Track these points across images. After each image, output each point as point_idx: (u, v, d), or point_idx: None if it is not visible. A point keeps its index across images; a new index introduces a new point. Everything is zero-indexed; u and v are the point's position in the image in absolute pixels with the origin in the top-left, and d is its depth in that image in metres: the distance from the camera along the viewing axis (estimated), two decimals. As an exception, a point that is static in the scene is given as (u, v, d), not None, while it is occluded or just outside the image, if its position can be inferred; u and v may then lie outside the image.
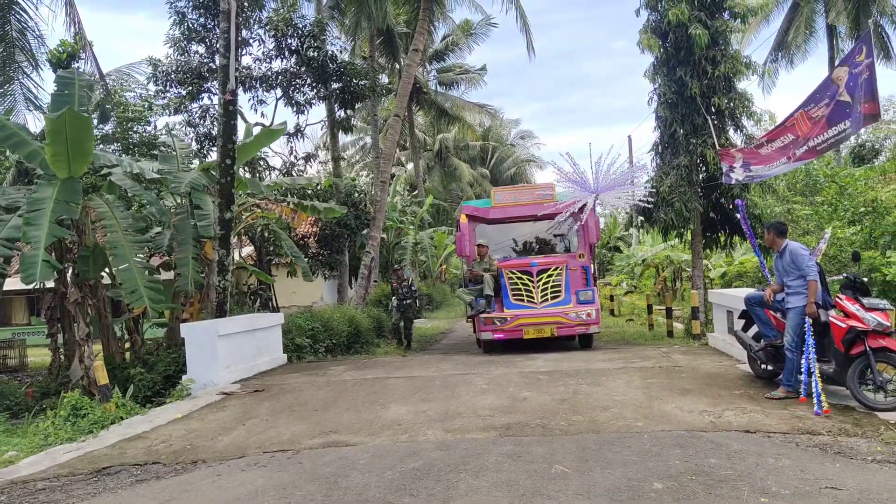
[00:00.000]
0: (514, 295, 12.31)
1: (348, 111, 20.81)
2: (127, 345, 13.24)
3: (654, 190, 13.52)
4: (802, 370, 7.29)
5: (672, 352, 11.46)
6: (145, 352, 12.38)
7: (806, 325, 7.39)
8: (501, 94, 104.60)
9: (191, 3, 17.66)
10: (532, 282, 12.21)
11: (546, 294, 12.19)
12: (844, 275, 7.71)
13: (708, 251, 15.68)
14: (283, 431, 7.38)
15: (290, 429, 7.49)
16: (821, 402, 6.91)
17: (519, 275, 12.31)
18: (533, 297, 12.21)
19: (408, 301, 15.18)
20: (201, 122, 18.37)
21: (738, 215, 9.69)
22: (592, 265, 13.78)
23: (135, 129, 15.94)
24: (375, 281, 19.53)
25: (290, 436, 7.18)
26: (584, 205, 12.99)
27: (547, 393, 8.42)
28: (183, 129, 18.40)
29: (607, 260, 36.65)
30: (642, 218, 14.40)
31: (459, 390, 8.93)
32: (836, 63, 10.78)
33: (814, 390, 7.06)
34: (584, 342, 12.71)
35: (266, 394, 9.54)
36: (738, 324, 8.87)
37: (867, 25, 10.56)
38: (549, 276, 12.23)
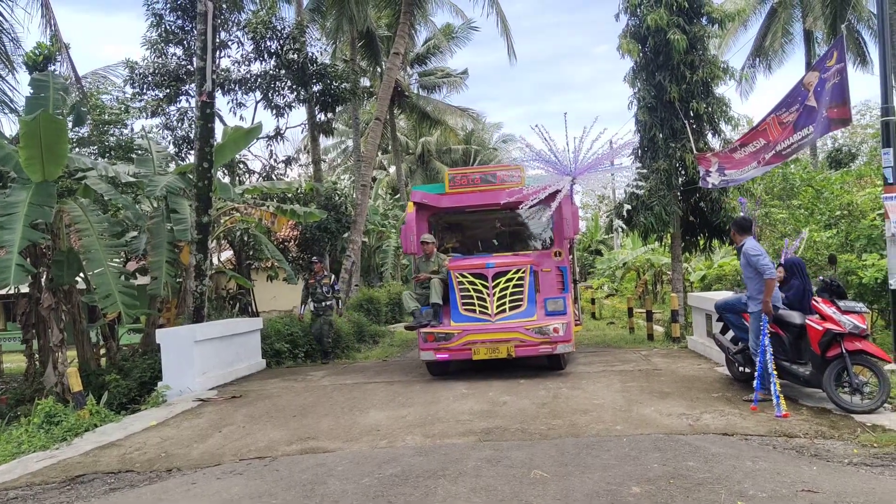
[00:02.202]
0: (464, 304, 9.75)
1: (329, 114, 20.71)
2: (102, 351, 13.06)
3: (640, 181, 13.34)
4: (768, 372, 7.33)
5: (652, 355, 11.49)
6: (121, 358, 12.21)
7: (762, 326, 7.45)
8: (484, 97, 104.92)
9: (168, 5, 17.50)
10: (487, 288, 9.66)
11: (503, 303, 9.64)
12: (821, 278, 7.78)
13: (687, 254, 15.76)
14: (260, 438, 7.30)
15: (267, 435, 7.40)
16: (780, 405, 6.99)
17: (471, 279, 9.73)
18: (487, 308, 9.65)
19: (327, 302, 13.42)
20: (179, 124, 18.20)
21: (740, 213, 9.60)
22: (571, 265, 11.47)
23: (111, 132, 15.75)
24: (356, 285, 19.43)
25: (268, 442, 7.10)
26: (559, 190, 10.58)
27: (527, 397, 8.39)
28: (160, 131, 18.23)
29: (588, 263, 36.81)
30: (621, 222, 14.36)
31: (439, 395, 8.88)
32: (809, 68, 10.88)
33: (772, 392, 7.16)
34: (554, 363, 10.05)
35: (243, 400, 9.43)
36: (717, 327, 8.91)
37: (841, 31, 10.67)
38: (509, 280, 9.66)
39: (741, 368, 8.42)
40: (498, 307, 9.63)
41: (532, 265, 9.89)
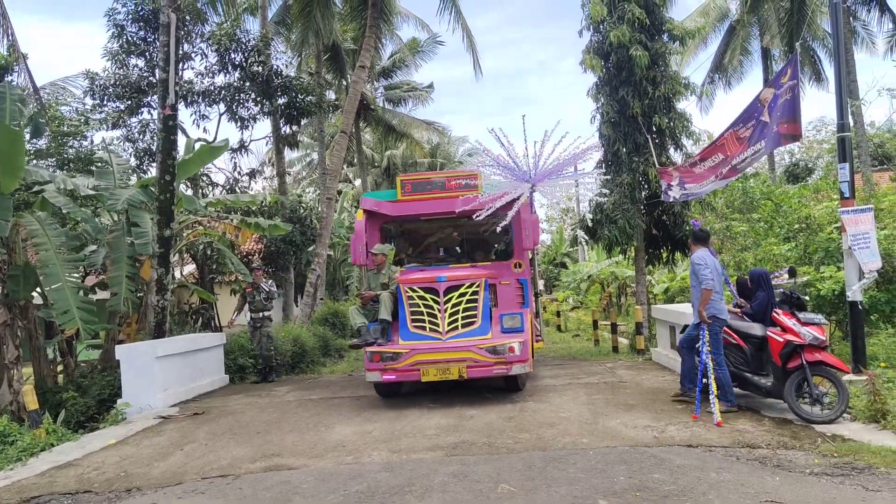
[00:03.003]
0: (414, 321, 9.04)
1: (294, 127, 20.56)
2: (59, 367, 12.72)
3: (604, 189, 13.49)
4: (708, 380, 7.61)
5: (617, 367, 11.58)
6: (79, 375, 11.89)
7: (701, 336, 7.70)
8: (450, 111, 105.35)
9: (130, 16, 17.25)
10: (438, 303, 8.97)
11: (456, 320, 8.94)
12: (781, 290, 7.92)
13: (651, 267, 15.96)
14: (223, 456, 7.16)
15: (230, 453, 7.27)
16: (704, 410, 7.43)
17: (421, 293, 9.05)
18: (438, 325, 8.94)
19: (265, 313, 12.46)
20: (140, 137, 17.89)
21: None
22: (533, 277, 10.85)
23: (70, 144, 15.44)
24: (322, 298, 19.25)
25: (231, 460, 6.97)
26: (517, 198, 10.06)
27: (493, 411, 8.39)
28: (121, 144, 17.90)
29: (554, 275, 37.05)
30: (583, 233, 14.46)
31: (406, 410, 8.82)
32: (766, 84, 11.17)
33: (710, 397, 7.41)
34: (511, 384, 9.33)
35: (206, 417, 9.26)
36: (680, 339, 9.00)
37: (796, 48, 10.96)
38: (462, 295, 8.97)
39: (705, 380, 8.51)
40: (450, 324, 8.92)
41: (487, 279, 9.27)
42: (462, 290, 9.01)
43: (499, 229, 9.94)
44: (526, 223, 10.04)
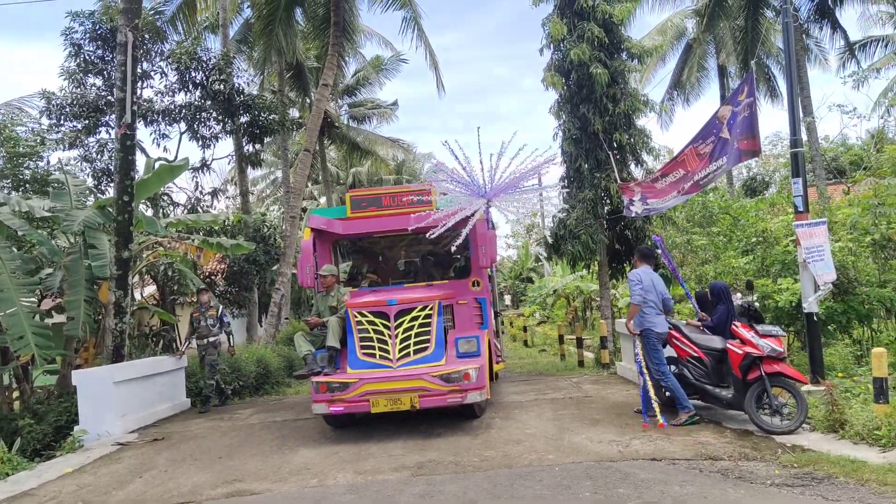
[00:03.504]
0: (363, 347, 8.43)
1: (257, 145, 20.40)
2: (15, 394, 12.34)
3: (565, 206, 13.61)
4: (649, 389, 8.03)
5: (583, 381, 11.64)
6: (35, 401, 11.53)
7: (636, 347, 8.25)
8: (415, 128, 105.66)
9: (88, 35, 17.00)
10: (388, 328, 8.39)
11: (407, 346, 8.36)
12: (739, 303, 8.06)
13: (615, 281, 16.10)
14: (184, 482, 7.01)
15: (191, 479, 7.11)
16: (654, 417, 7.84)
17: (371, 318, 8.45)
18: (388, 351, 8.35)
19: (211, 339, 11.69)
20: (98, 156, 17.57)
21: (659, 251, 9.99)
22: (492, 295, 10.39)
23: (26, 164, 15.08)
24: (286, 318, 19.04)
25: (191, 487, 6.83)
26: (472, 214, 9.48)
27: (460, 428, 8.36)
28: (79, 164, 17.55)
29: (520, 290, 37.19)
30: (541, 250, 14.57)
31: (371, 429, 8.75)
32: (723, 101, 11.44)
33: (652, 405, 7.87)
34: (467, 411, 8.67)
35: (166, 442, 9.06)
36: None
37: (751, 66, 11.22)
38: (414, 319, 8.41)
39: (668, 393, 8.59)
40: (401, 351, 8.33)
41: (442, 300, 8.75)
42: (414, 313, 8.45)
43: (453, 248, 9.34)
44: (482, 240, 9.63)
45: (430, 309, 8.53)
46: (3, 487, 7.42)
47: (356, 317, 8.57)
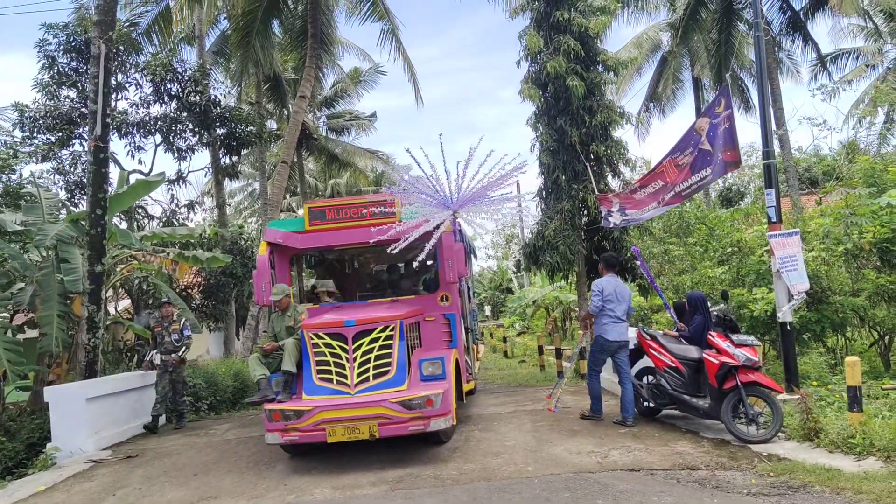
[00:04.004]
0: (319, 371, 7.78)
1: (234, 157, 20.28)
2: (-14, 411, 12.08)
3: (543, 223, 13.66)
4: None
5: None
6: (7, 418, 11.29)
7: (590, 354, 8.95)
8: (394, 139, 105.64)
9: (62, 47, 16.83)
10: (346, 351, 7.73)
11: (366, 370, 7.69)
12: (714, 313, 8.12)
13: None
14: (158, 500, 6.90)
15: (165, 497, 7.00)
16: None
17: (328, 340, 7.80)
18: (346, 376, 7.68)
19: (177, 354, 11.10)
20: (72, 169, 17.35)
21: (637, 262, 10.14)
22: (462, 310, 9.75)
23: (-2, 178, 14.87)
24: (265, 331, 18.87)
25: (165, 504, 6.71)
26: (438, 226, 8.85)
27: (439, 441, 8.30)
28: (52, 176, 17.34)
29: (500, 301, 37.27)
30: (511, 265, 14.56)
31: (351, 442, 8.64)
32: (700, 114, 11.58)
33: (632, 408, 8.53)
34: (432, 437, 7.99)
35: (140, 459, 8.90)
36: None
37: (726, 79, 11.36)
38: (374, 341, 7.75)
39: (646, 403, 8.64)
40: (359, 375, 7.65)
41: (402, 319, 8.03)
42: (374, 335, 7.76)
43: (415, 264, 8.78)
44: (449, 254, 8.91)
45: (391, 330, 7.83)
46: (-28, 508, 7.26)
47: (312, 339, 7.88)
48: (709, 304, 8.42)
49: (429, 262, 9.65)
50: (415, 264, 8.66)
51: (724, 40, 22.02)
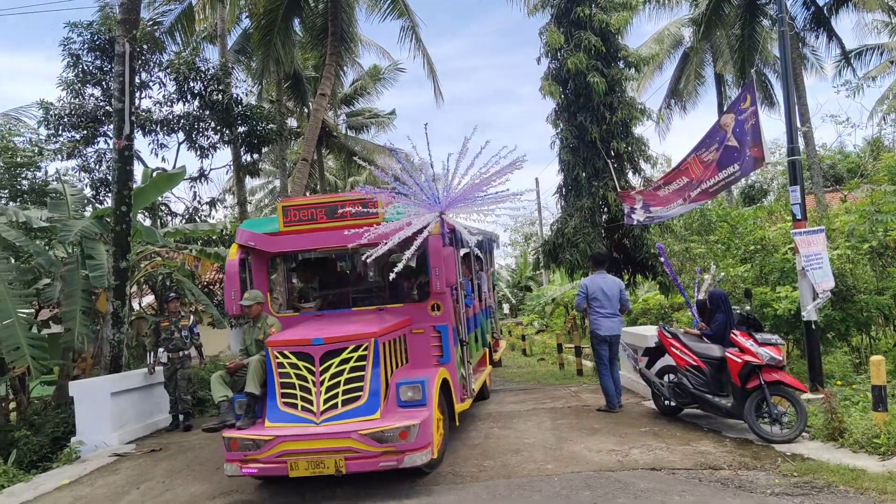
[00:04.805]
0: (284, 396, 6.82)
1: (255, 155, 20.44)
2: (12, 405, 12.29)
3: (563, 220, 13.64)
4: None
5: (581, 391, 11.60)
6: (32, 412, 11.50)
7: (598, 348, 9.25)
8: (413, 137, 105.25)
9: (86, 46, 17.05)
10: (313, 373, 6.75)
11: (335, 395, 6.70)
12: (738, 311, 8.04)
13: (613, 290, 16.11)
14: (181, 494, 6.98)
15: (188, 490, 7.08)
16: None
17: (293, 360, 6.84)
18: (311, 403, 6.69)
19: (185, 351, 10.67)
20: (97, 167, 17.59)
21: (661, 259, 10.24)
22: (457, 320, 8.40)
23: (24, 175, 15.10)
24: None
25: (189, 498, 6.80)
26: (423, 229, 7.56)
27: (458, 438, 8.30)
28: (77, 174, 17.59)
29: (519, 299, 37.21)
30: (538, 262, 14.49)
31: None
32: (724, 110, 11.46)
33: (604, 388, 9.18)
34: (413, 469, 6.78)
35: (164, 453, 9.01)
36: (643, 361, 9.08)
37: (751, 75, 11.25)
38: (344, 362, 6.77)
39: (667, 402, 8.58)
40: (326, 402, 6.65)
41: (378, 337, 6.96)
42: (344, 355, 6.77)
43: (392, 275, 7.44)
44: (436, 260, 7.70)
45: (364, 349, 6.81)
46: (0, 500, 7.39)
47: (277, 357, 6.90)
48: (731, 303, 8.35)
49: (418, 268, 8.72)
50: (391, 276, 7.39)
51: (747, 36, 21.77)
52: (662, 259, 10.01)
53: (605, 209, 13.83)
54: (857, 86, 23.61)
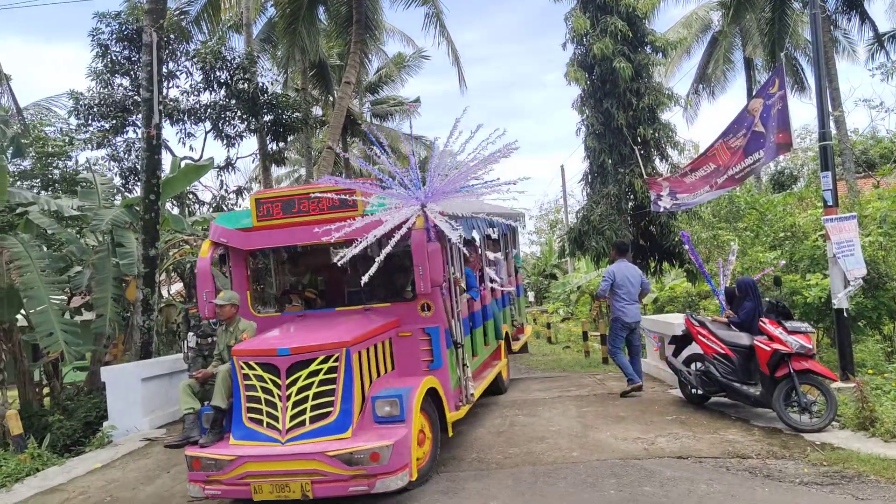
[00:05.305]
0: (250, 411, 6.15)
1: (280, 143, 20.59)
2: (45, 390, 12.58)
3: (589, 207, 13.60)
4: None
5: (607, 378, 11.55)
6: (65, 397, 11.77)
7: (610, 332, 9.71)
8: (437, 125, 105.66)
9: (114, 36, 17.26)
10: (279, 387, 6.06)
11: (302, 412, 6.00)
12: (767, 299, 7.95)
13: (639, 277, 16.00)
14: (210, 478, 7.06)
15: (217, 474, 7.16)
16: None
17: (259, 371, 6.15)
18: (277, 419, 6.02)
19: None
20: (126, 156, 17.89)
21: (686, 247, 10.22)
22: (450, 318, 7.36)
23: (55, 164, 15.37)
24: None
25: (217, 482, 6.87)
26: (402, 223, 6.74)
27: (482, 425, 8.32)
28: (106, 163, 17.88)
29: (544, 287, 37.09)
30: (563, 250, 14.43)
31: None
32: (753, 94, 11.29)
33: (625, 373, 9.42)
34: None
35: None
36: (669, 350, 9.02)
37: (781, 59, 11.05)
38: (313, 374, 6.05)
39: (694, 390, 8.51)
40: (293, 418, 5.97)
41: (350, 347, 6.18)
42: (313, 366, 6.05)
43: (365, 279, 6.48)
44: (420, 257, 6.76)
45: (335, 360, 6.10)
46: (32, 483, 7.55)
47: (243, 368, 6.22)
48: (759, 290, 8.25)
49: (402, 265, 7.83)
50: (364, 279, 6.49)
51: (777, 19, 21.36)
52: (687, 247, 9.92)
53: (632, 196, 13.74)
54: (891, 69, 23.08)
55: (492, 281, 9.35)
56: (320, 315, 7.47)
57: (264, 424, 6.02)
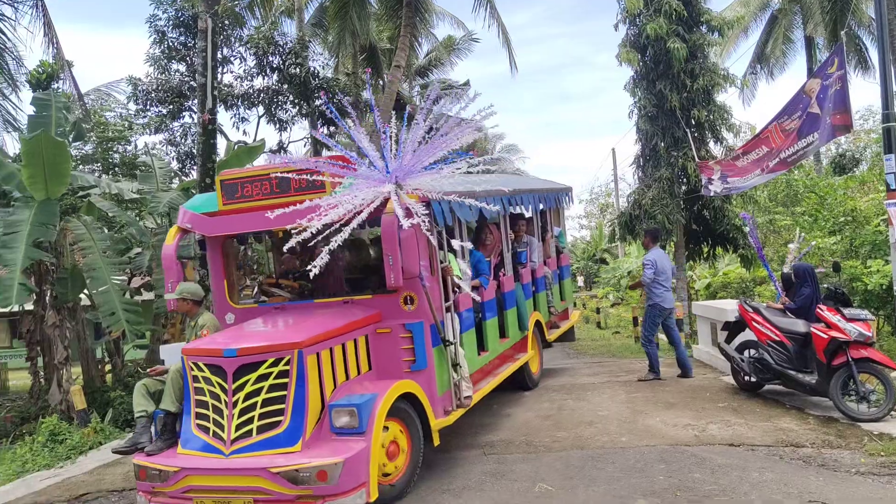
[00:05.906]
0: (198, 417, 5.55)
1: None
2: (107, 367, 13.06)
3: (640, 191, 13.41)
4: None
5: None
6: (126, 374, 12.21)
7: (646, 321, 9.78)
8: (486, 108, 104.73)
9: (171, 22, 17.66)
10: (225, 391, 5.39)
11: (249, 420, 5.34)
12: (826, 285, 7.75)
13: (692, 262, 15.73)
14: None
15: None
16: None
17: (207, 373, 5.51)
18: (223, 428, 5.37)
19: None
20: (182, 140, 18.35)
21: (747, 229, 10.24)
22: (436, 310, 6.40)
23: (115, 148, 15.86)
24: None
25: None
26: (368, 204, 6.00)
27: (531, 409, 8.35)
28: (164, 147, 18.36)
29: (594, 272, 36.77)
30: (613, 234, 14.25)
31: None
32: (811, 75, 10.94)
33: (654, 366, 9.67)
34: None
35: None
36: (722, 336, 8.87)
37: (841, 37, 10.68)
38: (262, 378, 5.37)
39: (747, 378, 8.37)
40: (239, 427, 5.31)
41: (304, 348, 5.43)
42: (262, 370, 5.37)
43: (314, 269, 5.67)
44: (390, 246, 5.92)
45: (286, 364, 5.40)
46: (97, 456, 7.89)
47: (192, 370, 5.60)
48: (817, 276, 8.04)
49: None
50: (312, 270, 5.70)
51: (840, -5, 20.60)
52: (749, 230, 9.70)
53: (684, 180, 13.47)
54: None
55: (520, 264, 8.99)
56: (297, 308, 6.74)
57: (210, 433, 5.42)
